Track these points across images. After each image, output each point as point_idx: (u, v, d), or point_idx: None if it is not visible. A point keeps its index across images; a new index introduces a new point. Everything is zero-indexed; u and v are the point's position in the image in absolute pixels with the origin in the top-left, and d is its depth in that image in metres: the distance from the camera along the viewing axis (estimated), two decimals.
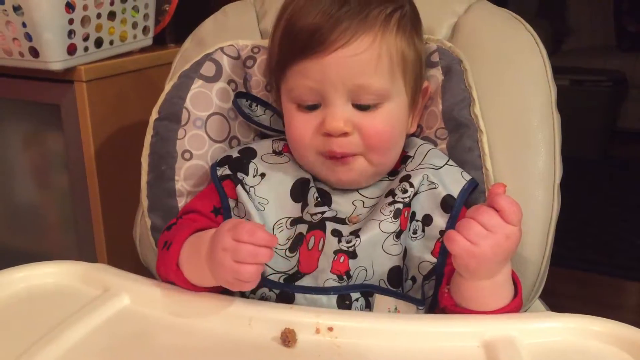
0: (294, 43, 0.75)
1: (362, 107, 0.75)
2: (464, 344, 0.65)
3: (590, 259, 2.41)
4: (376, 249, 0.75)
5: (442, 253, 0.75)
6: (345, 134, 0.75)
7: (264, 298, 0.75)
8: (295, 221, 0.79)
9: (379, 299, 0.74)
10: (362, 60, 0.73)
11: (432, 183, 0.78)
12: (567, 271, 2.26)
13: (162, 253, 0.75)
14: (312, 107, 0.77)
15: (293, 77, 0.77)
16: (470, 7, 0.92)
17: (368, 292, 0.74)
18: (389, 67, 0.75)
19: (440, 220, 0.77)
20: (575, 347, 0.65)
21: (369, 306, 0.74)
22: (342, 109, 0.75)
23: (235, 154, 0.84)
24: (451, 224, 0.76)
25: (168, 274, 0.74)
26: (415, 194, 0.77)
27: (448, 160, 0.81)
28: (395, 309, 0.74)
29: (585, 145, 3.29)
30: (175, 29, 1.45)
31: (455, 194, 0.77)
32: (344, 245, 0.75)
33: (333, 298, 0.73)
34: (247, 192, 0.80)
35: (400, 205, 0.76)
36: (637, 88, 3.72)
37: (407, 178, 0.78)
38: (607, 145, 3.59)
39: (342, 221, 0.78)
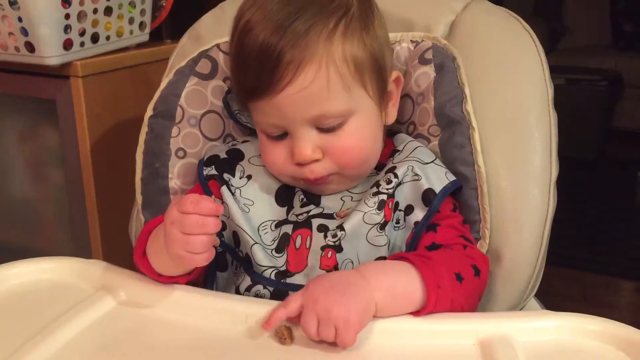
0: (244, 83, 0.74)
1: (326, 129, 0.74)
2: (459, 342, 0.65)
3: (586, 258, 2.42)
4: (360, 241, 0.75)
5: (411, 243, 0.76)
6: (315, 161, 0.75)
7: (258, 296, 0.75)
8: (280, 223, 0.79)
9: None
10: (311, 91, 0.71)
11: (416, 175, 0.77)
12: (562, 270, 2.26)
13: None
14: (280, 136, 0.76)
15: (254, 112, 0.77)
16: (467, 5, 0.92)
17: None
18: (342, 86, 0.72)
19: (419, 212, 0.77)
20: (571, 345, 0.65)
21: None
22: (307, 138, 0.74)
23: (223, 155, 0.84)
24: (428, 218, 0.76)
25: (136, 262, 0.74)
26: (399, 184, 0.77)
27: (435, 159, 0.81)
28: None
29: (581, 144, 3.30)
30: (172, 24, 1.45)
31: (437, 189, 0.77)
32: (330, 240, 0.75)
33: None
34: (233, 194, 0.80)
35: (384, 197, 0.76)
36: (633, 87, 3.73)
37: (392, 169, 0.78)
38: (603, 144, 3.60)
39: (329, 216, 0.78)
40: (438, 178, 0.78)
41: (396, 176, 0.77)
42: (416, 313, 0.68)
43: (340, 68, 0.72)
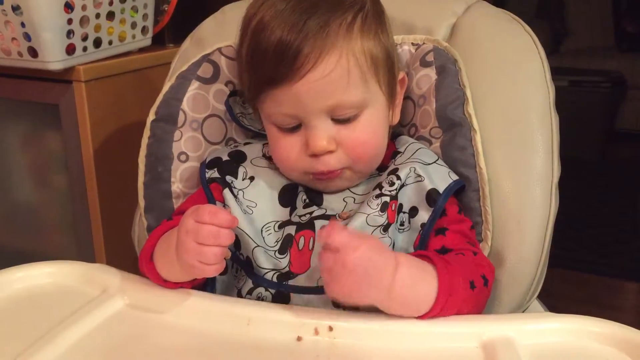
0: (262, 72, 0.73)
1: (341, 121, 0.75)
2: (462, 344, 0.65)
3: (589, 260, 2.41)
4: None
5: (420, 246, 0.76)
6: (329, 153, 0.75)
7: (260, 298, 0.75)
8: (283, 224, 0.79)
9: None
10: (332, 79, 0.72)
11: (419, 176, 0.78)
12: (565, 272, 2.26)
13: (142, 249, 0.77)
14: (293, 128, 0.76)
15: (268, 104, 0.76)
16: (469, 7, 0.92)
17: None
18: (360, 77, 0.74)
19: (424, 214, 0.77)
20: (574, 348, 0.65)
21: None
22: (322, 128, 0.74)
23: (225, 157, 0.84)
24: (433, 219, 0.76)
25: (142, 267, 0.75)
26: (402, 186, 0.78)
27: (437, 159, 0.81)
28: None
29: (584, 146, 3.29)
30: (174, 29, 1.45)
31: (440, 189, 0.77)
32: None
33: (328, 297, 0.73)
34: (235, 196, 0.80)
35: (387, 198, 0.76)
36: (636, 89, 3.72)
37: (394, 171, 0.79)
38: (606, 146, 3.59)
39: (332, 218, 0.78)
40: (441, 178, 0.78)
41: (399, 178, 0.77)
42: (420, 316, 0.67)
43: (359, 60, 0.73)
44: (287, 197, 0.81)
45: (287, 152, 0.77)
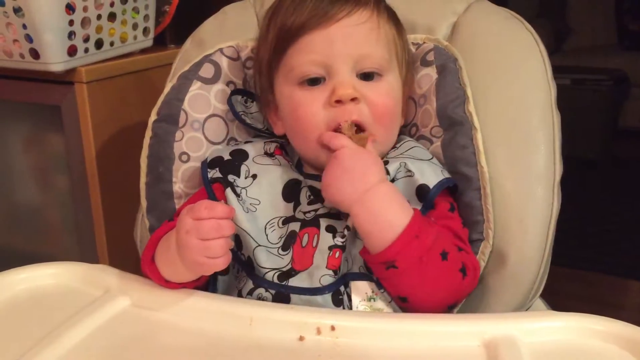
0: (294, 25, 0.77)
1: (366, 76, 0.78)
2: (464, 343, 0.65)
3: (592, 258, 2.41)
4: (355, 237, 0.76)
5: None
6: (355, 100, 0.76)
7: (260, 299, 0.75)
8: (288, 220, 0.79)
9: (355, 286, 0.75)
10: (364, 29, 0.77)
11: (409, 171, 0.78)
12: (568, 270, 2.25)
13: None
14: (315, 82, 0.78)
15: (294, 56, 0.78)
16: (470, 6, 0.92)
17: (347, 281, 0.75)
18: (386, 41, 0.79)
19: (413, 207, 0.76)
20: (577, 346, 0.65)
21: (349, 296, 0.74)
22: (348, 77, 0.77)
23: (226, 156, 0.84)
24: (423, 212, 0.76)
25: (144, 268, 0.75)
26: (392, 181, 0.78)
27: (432, 158, 0.81)
28: (372, 292, 0.74)
29: (587, 144, 3.28)
30: (175, 29, 1.45)
31: (431, 185, 0.77)
32: (338, 241, 0.76)
33: (328, 296, 0.73)
34: (238, 195, 0.80)
35: None
36: (639, 87, 3.71)
37: (384, 164, 0.78)
38: (609, 144, 3.58)
39: (336, 217, 0.78)
40: (433, 174, 0.78)
41: (387, 172, 0.77)
42: (382, 253, 0.69)
43: (386, 29, 0.80)
44: (290, 191, 0.81)
45: (309, 105, 0.78)
